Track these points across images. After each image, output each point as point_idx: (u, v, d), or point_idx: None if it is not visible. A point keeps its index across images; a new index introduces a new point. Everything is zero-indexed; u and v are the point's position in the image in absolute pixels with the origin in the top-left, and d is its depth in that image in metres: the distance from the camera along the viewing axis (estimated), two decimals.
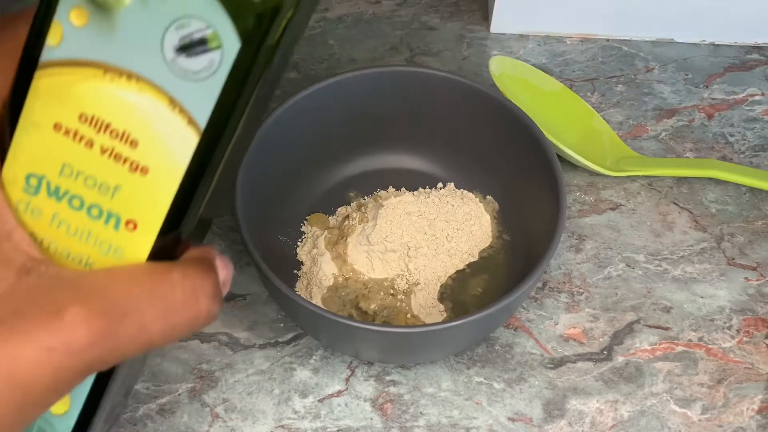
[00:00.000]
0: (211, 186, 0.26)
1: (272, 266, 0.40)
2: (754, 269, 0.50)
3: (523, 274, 0.40)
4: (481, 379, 0.45)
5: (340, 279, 0.47)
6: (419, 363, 0.46)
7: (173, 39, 0.23)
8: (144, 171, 0.24)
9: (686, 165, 0.54)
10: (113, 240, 0.25)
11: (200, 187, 0.25)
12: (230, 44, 0.23)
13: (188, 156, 0.24)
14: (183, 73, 0.23)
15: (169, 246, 0.26)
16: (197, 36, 0.23)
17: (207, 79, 0.23)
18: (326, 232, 0.49)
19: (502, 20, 0.62)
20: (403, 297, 0.46)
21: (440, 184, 0.51)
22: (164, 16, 0.23)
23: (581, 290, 0.49)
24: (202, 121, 0.24)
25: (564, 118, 0.55)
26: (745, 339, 0.47)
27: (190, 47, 0.23)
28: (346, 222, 0.49)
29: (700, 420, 0.44)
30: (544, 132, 0.45)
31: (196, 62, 0.23)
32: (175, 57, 0.23)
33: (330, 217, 0.50)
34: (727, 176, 0.53)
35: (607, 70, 0.61)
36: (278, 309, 0.47)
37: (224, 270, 0.28)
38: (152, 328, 0.24)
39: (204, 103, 0.24)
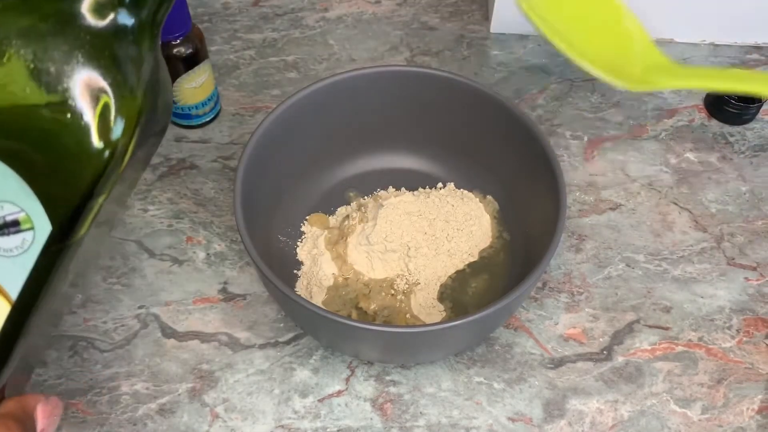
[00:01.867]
0: (22, 346, 0.28)
1: (272, 266, 0.40)
2: (754, 269, 0.50)
3: (523, 274, 0.40)
4: (481, 379, 0.45)
5: (340, 279, 0.47)
6: (419, 363, 0.46)
7: None
8: None
9: (728, 77, 0.44)
10: None
11: (15, 348, 0.28)
12: (41, 226, 0.25)
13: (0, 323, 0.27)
14: None
15: None
16: (10, 218, 0.25)
17: (19, 256, 0.26)
18: (326, 232, 0.49)
19: (502, 20, 0.62)
20: (403, 297, 0.46)
21: (440, 184, 0.51)
22: None
23: (581, 290, 0.49)
24: (14, 292, 0.26)
25: (590, 22, 0.51)
26: (745, 339, 0.47)
27: (3, 227, 0.26)
28: (346, 222, 0.49)
29: (700, 420, 0.44)
30: (566, 46, 0.41)
31: (9, 241, 0.26)
32: None
33: (330, 217, 0.50)
34: None
35: None
36: (278, 309, 0.47)
37: (46, 418, 0.30)
38: None
39: (16, 277, 0.26)
